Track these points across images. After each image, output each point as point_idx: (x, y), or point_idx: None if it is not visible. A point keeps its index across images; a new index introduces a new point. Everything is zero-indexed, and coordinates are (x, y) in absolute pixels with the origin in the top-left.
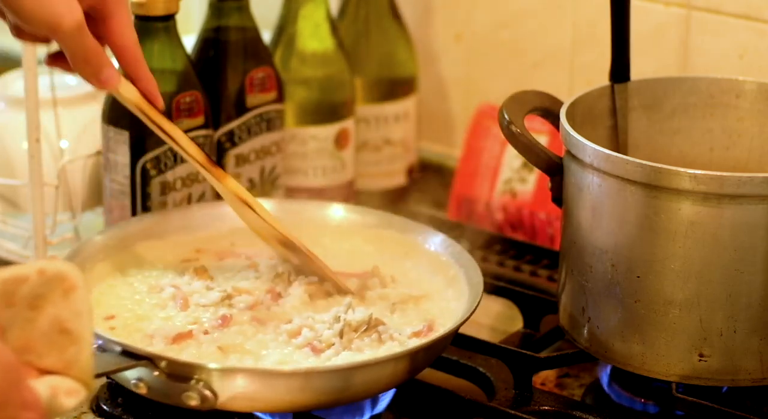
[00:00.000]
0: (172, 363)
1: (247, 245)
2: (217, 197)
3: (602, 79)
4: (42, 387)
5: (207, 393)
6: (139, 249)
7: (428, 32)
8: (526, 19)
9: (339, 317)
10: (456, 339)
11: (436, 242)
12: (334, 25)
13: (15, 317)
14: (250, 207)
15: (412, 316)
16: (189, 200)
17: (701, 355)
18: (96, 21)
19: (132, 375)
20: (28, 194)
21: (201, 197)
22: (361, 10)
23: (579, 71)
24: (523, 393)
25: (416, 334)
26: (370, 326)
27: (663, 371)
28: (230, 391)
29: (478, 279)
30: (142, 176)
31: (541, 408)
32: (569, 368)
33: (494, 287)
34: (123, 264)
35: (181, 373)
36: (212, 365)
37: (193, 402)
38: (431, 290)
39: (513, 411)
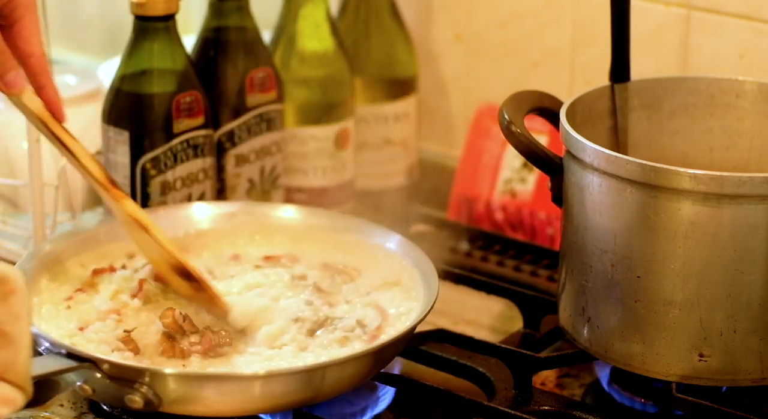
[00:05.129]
0: (114, 366)
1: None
2: (217, 197)
3: (602, 79)
4: None
5: (151, 396)
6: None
7: (428, 32)
8: (526, 19)
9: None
10: (456, 338)
11: (393, 243)
12: (334, 25)
13: None
14: (147, 231)
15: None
16: (189, 200)
17: (701, 355)
18: (4, 26)
19: (77, 377)
20: (28, 194)
21: (201, 197)
22: (361, 10)
23: (579, 71)
24: (523, 393)
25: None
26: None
27: (663, 371)
28: (175, 395)
29: (434, 280)
30: (142, 176)
31: (541, 408)
32: (569, 368)
33: (494, 287)
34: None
35: (124, 376)
36: (154, 368)
37: (137, 405)
38: (390, 276)
39: (513, 411)
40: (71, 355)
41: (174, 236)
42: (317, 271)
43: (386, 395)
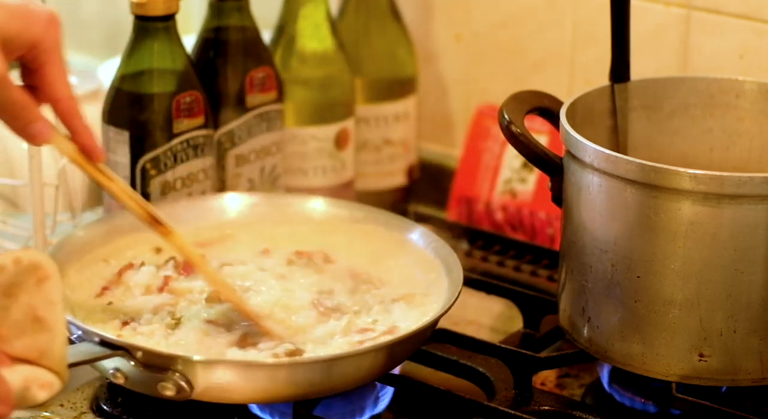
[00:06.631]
0: (148, 353)
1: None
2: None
3: (602, 79)
4: (15, 377)
5: (183, 383)
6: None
7: (428, 32)
8: (526, 19)
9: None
10: (456, 338)
11: (417, 235)
12: (334, 25)
13: None
14: (196, 267)
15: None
16: None
17: (701, 355)
18: (30, 71)
19: (109, 365)
20: (28, 194)
21: None
22: (361, 10)
23: (579, 71)
24: (523, 393)
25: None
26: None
27: (663, 371)
28: (206, 382)
29: (458, 273)
30: (142, 176)
31: (541, 408)
32: (569, 368)
33: (494, 287)
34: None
35: (157, 364)
36: (195, 357)
37: (169, 392)
38: (414, 287)
39: (513, 411)
40: (104, 343)
41: (196, 227)
42: (342, 283)
43: (386, 395)
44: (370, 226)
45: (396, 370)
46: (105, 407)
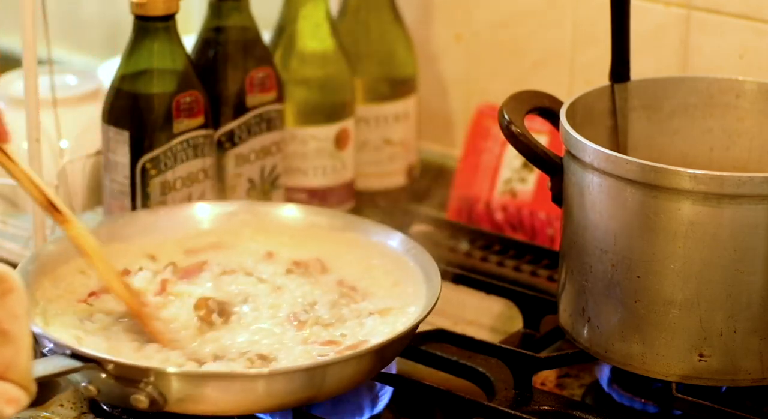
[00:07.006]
0: (119, 365)
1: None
2: (218, 197)
3: (602, 79)
4: None
5: (156, 395)
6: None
7: (428, 32)
8: (526, 19)
9: None
10: (456, 338)
11: (397, 242)
12: (334, 25)
13: None
14: (89, 258)
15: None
16: (189, 200)
17: (701, 355)
18: None
19: (81, 378)
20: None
21: (201, 197)
22: (361, 10)
23: (579, 71)
24: (523, 393)
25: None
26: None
27: (663, 371)
28: (180, 394)
29: (437, 279)
30: (142, 176)
31: (541, 408)
32: (569, 368)
33: (494, 287)
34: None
35: (129, 376)
36: (168, 369)
37: (142, 405)
38: (393, 299)
39: (513, 411)
40: (75, 355)
41: (174, 237)
42: (328, 295)
43: (385, 395)
44: (350, 234)
45: (394, 370)
46: (105, 407)
